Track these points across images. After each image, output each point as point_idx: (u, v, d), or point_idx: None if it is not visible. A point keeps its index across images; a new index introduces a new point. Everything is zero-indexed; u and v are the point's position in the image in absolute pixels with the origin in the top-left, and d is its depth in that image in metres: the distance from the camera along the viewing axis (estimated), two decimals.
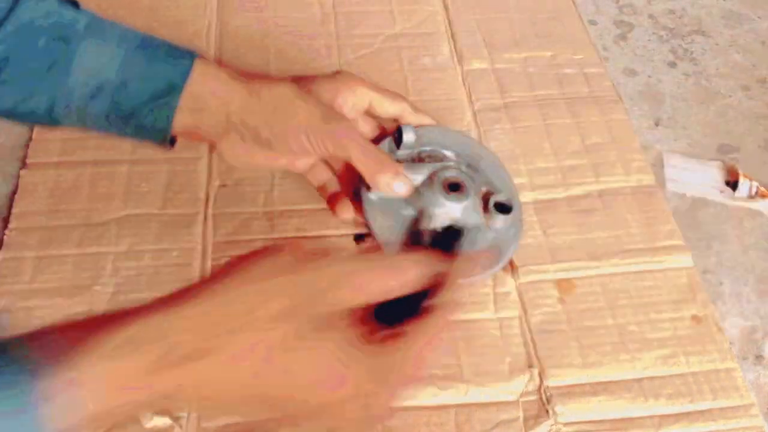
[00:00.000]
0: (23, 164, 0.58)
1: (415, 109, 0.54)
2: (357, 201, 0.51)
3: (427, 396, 0.47)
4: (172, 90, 0.44)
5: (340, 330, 0.31)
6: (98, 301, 0.50)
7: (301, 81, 0.49)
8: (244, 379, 0.29)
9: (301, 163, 0.52)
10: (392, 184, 0.48)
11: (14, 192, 0.56)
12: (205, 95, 0.45)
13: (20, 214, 0.55)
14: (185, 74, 0.44)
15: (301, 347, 0.30)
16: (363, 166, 0.47)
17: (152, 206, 0.56)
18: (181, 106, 0.44)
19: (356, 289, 0.31)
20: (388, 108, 0.52)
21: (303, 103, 0.46)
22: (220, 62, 0.48)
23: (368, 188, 0.49)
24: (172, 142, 0.48)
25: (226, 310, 0.29)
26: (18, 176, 0.57)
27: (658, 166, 0.64)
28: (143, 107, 0.44)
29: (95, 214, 0.55)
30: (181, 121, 0.45)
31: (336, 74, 0.52)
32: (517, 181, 0.60)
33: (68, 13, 0.43)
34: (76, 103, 0.43)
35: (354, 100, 0.50)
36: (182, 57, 0.45)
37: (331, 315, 0.31)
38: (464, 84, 0.67)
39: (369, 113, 0.53)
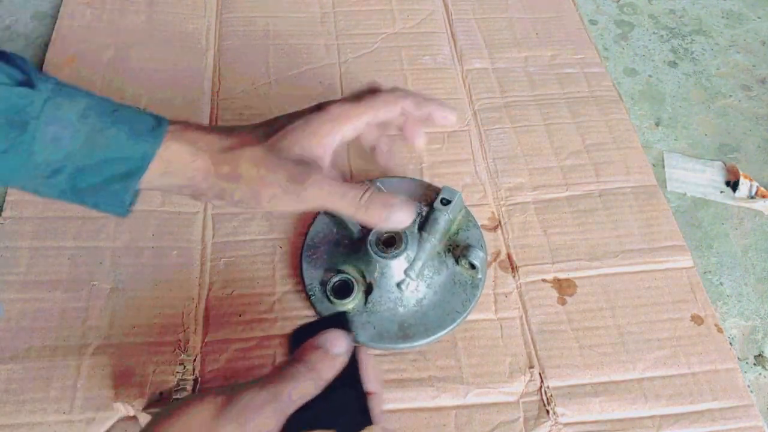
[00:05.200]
0: None
1: (417, 101, 0.46)
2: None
3: (427, 398, 0.47)
4: (130, 175, 0.42)
5: None
6: (96, 297, 0.50)
7: (277, 135, 0.44)
8: None
9: None
10: (390, 219, 0.43)
11: None
12: (171, 177, 0.43)
13: (15, 202, 0.55)
14: (146, 161, 0.42)
15: None
16: (352, 216, 0.43)
17: (151, 203, 0.55)
18: (145, 178, 0.43)
19: (276, 413, 0.33)
20: (387, 117, 0.46)
21: (270, 170, 0.43)
22: (189, 126, 0.44)
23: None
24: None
25: None
26: None
27: (658, 166, 0.64)
28: (101, 188, 0.42)
29: None
30: (148, 185, 0.44)
31: (318, 112, 0.45)
32: (517, 180, 0.60)
33: (23, 97, 0.39)
34: (32, 183, 0.41)
35: (339, 139, 0.45)
36: (145, 140, 0.42)
37: None
38: (464, 83, 0.67)
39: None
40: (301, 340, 0.37)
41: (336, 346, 0.36)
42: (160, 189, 0.45)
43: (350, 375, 0.35)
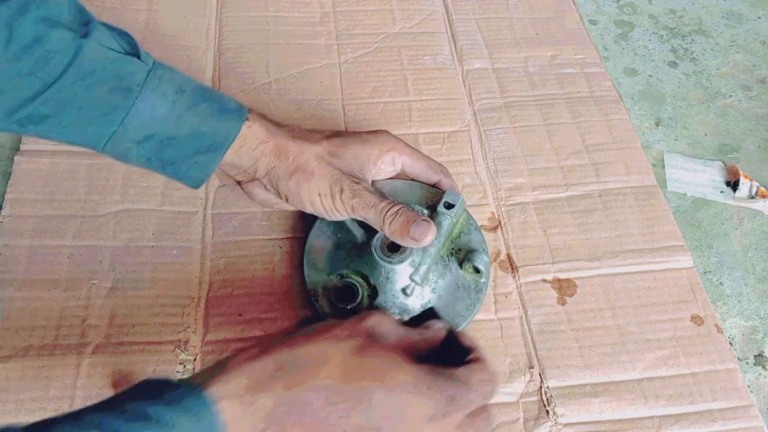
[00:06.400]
0: (18, 150, 0.57)
1: (449, 183, 0.52)
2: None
3: None
4: (215, 149, 0.46)
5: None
6: (96, 296, 0.50)
7: (338, 139, 0.49)
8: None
9: None
10: (414, 237, 0.45)
11: None
12: (238, 155, 0.47)
13: (14, 200, 0.54)
14: (231, 137, 0.46)
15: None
16: (378, 225, 0.46)
17: (151, 202, 0.55)
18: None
19: (405, 339, 0.40)
20: (421, 177, 0.52)
21: (321, 170, 0.47)
22: (264, 115, 0.49)
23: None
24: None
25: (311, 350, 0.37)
26: None
27: (658, 166, 0.64)
28: (185, 159, 0.46)
29: (92, 206, 0.55)
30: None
31: (375, 135, 0.50)
32: (517, 180, 0.60)
33: (130, 65, 0.43)
34: (122, 145, 0.44)
35: (386, 166, 0.50)
36: (232, 118, 0.46)
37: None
38: (464, 83, 0.67)
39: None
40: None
41: (438, 328, 0.43)
42: (224, 165, 0.48)
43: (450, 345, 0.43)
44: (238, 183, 0.52)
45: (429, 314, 0.46)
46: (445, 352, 0.42)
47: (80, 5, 0.44)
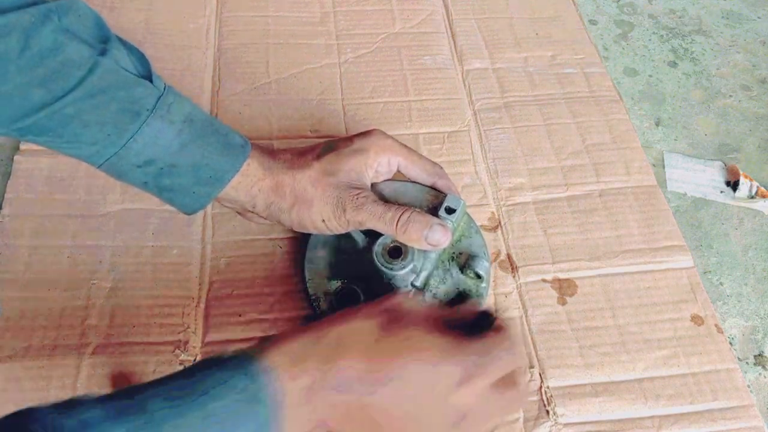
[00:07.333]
0: (18, 150, 0.57)
1: (446, 184, 0.52)
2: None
3: None
4: (214, 183, 0.46)
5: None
6: (96, 296, 0.50)
7: (330, 155, 0.48)
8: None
9: None
10: (427, 240, 0.46)
11: None
12: (236, 191, 0.47)
13: (14, 199, 0.54)
14: (231, 173, 0.46)
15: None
16: (390, 234, 0.47)
17: (151, 201, 0.55)
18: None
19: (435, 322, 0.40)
20: (417, 179, 0.51)
21: (320, 194, 0.47)
22: (262, 148, 0.49)
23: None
24: None
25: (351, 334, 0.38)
26: None
27: (658, 166, 0.64)
28: (183, 188, 0.45)
29: (92, 206, 0.55)
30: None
31: (367, 137, 0.50)
32: (517, 180, 0.60)
33: (142, 89, 0.43)
34: (121, 167, 0.44)
35: (382, 168, 0.50)
36: (235, 153, 0.46)
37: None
38: (464, 83, 0.67)
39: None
40: None
41: (469, 303, 0.46)
42: (221, 199, 0.48)
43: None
44: (237, 213, 0.52)
45: (461, 297, 0.48)
46: (475, 328, 0.42)
47: (102, 21, 0.44)
